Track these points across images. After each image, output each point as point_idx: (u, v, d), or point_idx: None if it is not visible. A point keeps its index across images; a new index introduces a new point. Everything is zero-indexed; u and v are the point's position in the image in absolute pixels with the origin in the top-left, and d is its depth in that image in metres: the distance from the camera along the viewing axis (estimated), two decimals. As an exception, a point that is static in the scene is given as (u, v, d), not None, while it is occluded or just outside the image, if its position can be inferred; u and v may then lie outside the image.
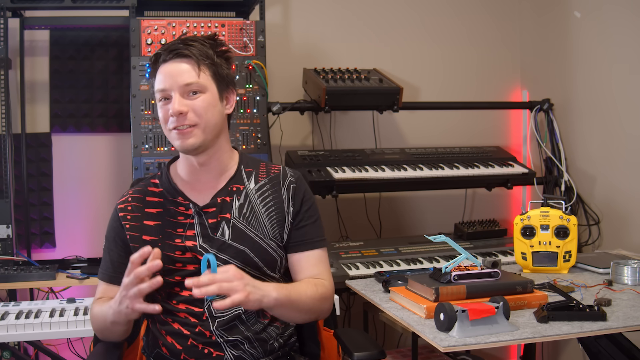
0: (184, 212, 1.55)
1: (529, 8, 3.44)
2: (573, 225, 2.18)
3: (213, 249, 1.52)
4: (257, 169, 1.63)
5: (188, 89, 1.49)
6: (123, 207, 1.59)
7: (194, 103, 1.49)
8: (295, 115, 3.03)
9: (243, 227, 1.55)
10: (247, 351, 1.51)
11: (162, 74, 1.50)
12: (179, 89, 1.48)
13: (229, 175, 1.59)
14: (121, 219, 1.57)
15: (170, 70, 1.49)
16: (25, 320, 2.03)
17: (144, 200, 1.58)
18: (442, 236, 1.79)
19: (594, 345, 2.25)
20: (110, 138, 2.99)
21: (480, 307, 1.54)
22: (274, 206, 1.58)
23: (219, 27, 2.55)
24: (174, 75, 1.49)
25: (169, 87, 1.48)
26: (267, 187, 1.60)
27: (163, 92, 1.49)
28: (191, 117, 1.48)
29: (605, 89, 2.91)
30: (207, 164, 1.55)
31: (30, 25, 2.80)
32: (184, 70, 1.49)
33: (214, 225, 1.54)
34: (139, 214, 1.57)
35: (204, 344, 1.49)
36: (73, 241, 2.92)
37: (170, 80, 1.48)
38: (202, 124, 1.49)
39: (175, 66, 1.49)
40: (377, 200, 3.25)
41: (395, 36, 3.33)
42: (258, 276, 1.54)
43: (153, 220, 1.55)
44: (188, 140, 1.48)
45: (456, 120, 3.41)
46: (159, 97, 1.51)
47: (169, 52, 1.50)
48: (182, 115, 1.47)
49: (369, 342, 1.65)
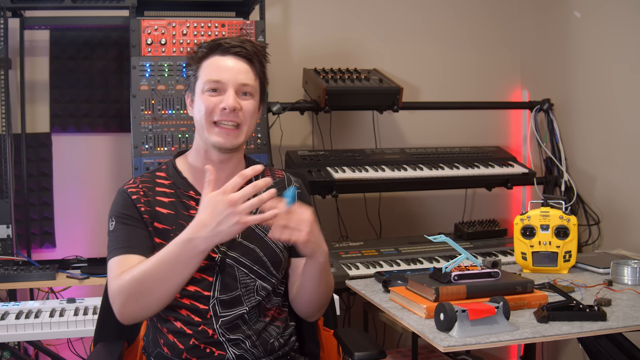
0: (196, 206, 1.52)
1: (529, 8, 3.44)
2: (573, 225, 2.18)
3: (223, 246, 1.52)
4: (263, 172, 1.65)
5: (243, 89, 1.51)
6: (135, 191, 1.53)
7: (245, 104, 1.51)
8: (295, 115, 3.03)
9: (253, 226, 1.55)
10: (249, 350, 1.51)
11: (220, 65, 1.50)
12: (234, 86, 1.50)
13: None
14: (135, 201, 1.51)
15: (229, 64, 1.50)
16: (25, 320, 2.03)
17: (153, 189, 1.55)
18: (442, 236, 1.79)
19: (594, 345, 2.25)
20: (110, 138, 2.99)
21: (480, 307, 1.54)
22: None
23: (219, 27, 2.55)
24: (233, 71, 1.50)
25: (226, 80, 1.49)
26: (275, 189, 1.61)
27: (217, 84, 1.49)
28: (241, 117, 1.50)
29: (605, 89, 2.91)
30: (226, 162, 1.56)
31: (30, 25, 2.80)
32: (243, 69, 1.51)
33: None
34: (151, 199, 1.53)
35: (206, 343, 1.49)
36: (73, 241, 2.92)
37: (228, 73, 1.49)
38: (246, 126, 1.53)
39: (235, 62, 1.51)
40: (377, 200, 3.25)
41: (395, 36, 3.34)
42: (264, 275, 1.55)
43: (166, 209, 1.53)
44: (232, 139, 1.50)
45: (456, 120, 3.41)
46: (209, 87, 1.49)
47: (232, 45, 1.50)
48: (234, 112, 1.49)
49: (369, 342, 1.65)
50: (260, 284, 1.55)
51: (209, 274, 1.50)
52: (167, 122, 2.49)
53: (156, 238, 1.51)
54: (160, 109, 2.49)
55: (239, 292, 1.51)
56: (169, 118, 2.50)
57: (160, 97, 2.49)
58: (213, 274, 1.51)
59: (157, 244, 1.50)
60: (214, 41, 1.53)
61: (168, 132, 2.49)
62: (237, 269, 1.52)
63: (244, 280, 1.52)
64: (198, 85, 1.52)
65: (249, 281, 1.53)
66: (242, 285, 1.51)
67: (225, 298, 1.50)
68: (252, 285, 1.53)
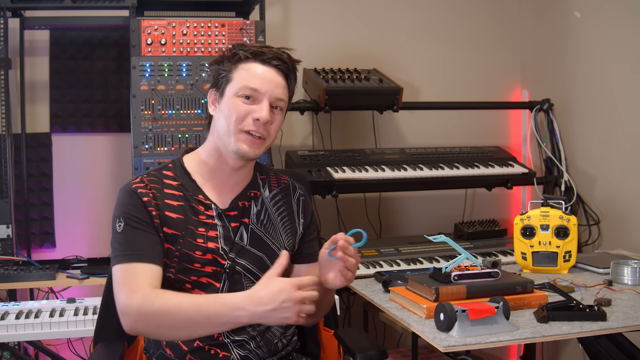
0: (205, 211, 1.51)
1: (529, 8, 3.44)
2: (573, 225, 2.18)
3: (232, 252, 1.51)
4: (269, 176, 1.65)
5: (276, 103, 1.51)
6: (144, 192, 1.47)
7: (275, 118, 1.51)
8: (295, 115, 3.03)
9: (261, 233, 1.56)
10: (254, 351, 1.51)
11: (259, 74, 1.48)
12: (270, 98, 1.49)
13: (247, 181, 1.59)
14: (146, 203, 1.45)
15: (269, 75, 1.50)
16: (25, 320, 2.03)
17: (162, 191, 1.50)
18: (442, 236, 1.79)
19: (594, 345, 2.25)
20: (110, 138, 2.99)
21: (480, 307, 1.54)
22: (287, 216, 1.62)
23: (219, 27, 2.55)
24: (272, 83, 1.49)
25: (264, 91, 1.48)
26: (280, 196, 1.63)
27: (254, 92, 1.47)
28: (269, 130, 1.50)
29: (605, 89, 2.91)
30: (240, 169, 1.55)
31: (30, 25, 2.80)
32: (280, 83, 1.51)
33: (235, 228, 1.53)
34: (160, 202, 1.48)
35: (211, 344, 1.49)
36: (73, 241, 2.92)
37: (268, 85, 1.48)
38: (270, 140, 1.52)
39: (275, 75, 1.51)
40: (377, 200, 3.25)
41: (395, 36, 3.33)
42: None
43: (175, 213, 1.48)
44: (256, 150, 1.49)
45: (456, 120, 3.41)
46: (244, 93, 1.47)
47: (274, 57, 1.50)
48: (266, 125, 1.48)
49: (370, 342, 1.66)
50: None
51: (216, 280, 1.50)
52: (167, 122, 2.49)
53: (165, 243, 1.46)
54: (160, 109, 2.49)
55: None
56: (169, 118, 2.49)
57: (160, 97, 2.49)
58: (220, 280, 1.50)
59: (165, 249, 1.46)
60: (255, 47, 1.51)
61: (168, 132, 2.49)
62: (243, 275, 1.52)
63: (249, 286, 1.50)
64: (231, 87, 1.49)
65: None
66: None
67: None
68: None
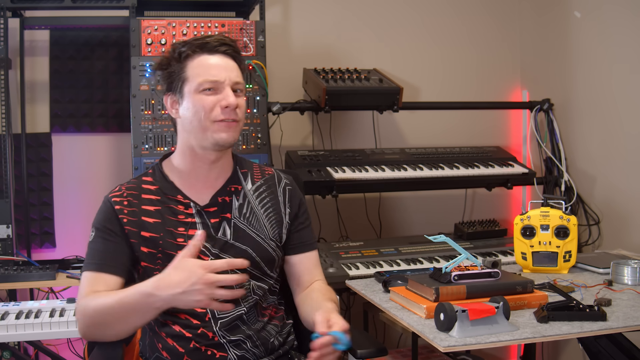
0: (184, 210, 1.53)
1: (529, 8, 3.44)
2: (573, 225, 2.18)
3: (216, 248, 1.52)
4: (252, 170, 1.65)
5: (236, 86, 1.52)
6: (118, 201, 1.53)
7: (240, 101, 1.52)
8: (295, 115, 3.03)
9: (244, 227, 1.56)
10: (250, 350, 1.51)
11: (212, 64, 1.49)
12: (230, 84, 1.50)
13: (226, 176, 1.59)
14: (117, 212, 1.51)
15: (221, 63, 1.51)
16: (25, 320, 2.03)
17: (139, 197, 1.54)
18: (442, 236, 1.79)
19: (594, 345, 2.25)
20: (110, 138, 2.99)
21: (480, 307, 1.54)
22: (272, 207, 1.61)
23: (219, 27, 2.55)
24: (227, 69, 1.50)
25: (223, 79, 1.49)
26: (264, 187, 1.62)
27: (214, 83, 1.48)
28: (238, 113, 1.51)
29: (605, 89, 2.91)
30: (217, 161, 1.55)
31: (30, 25, 2.80)
32: (234, 67, 1.53)
33: (216, 225, 1.54)
34: (136, 209, 1.52)
35: (207, 345, 1.49)
36: (73, 241, 2.92)
37: (224, 73, 1.50)
38: (241, 122, 1.54)
39: (225, 61, 1.52)
40: (377, 200, 3.25)
41: (395, 36, 3.34)
42: (258, 275, 1.55)
43: (152, 218, 1.53)
44: (233, 134, 1.50)
45: (456, 120, 3.41)
46: (206, 87, 1.48)
47: (219, 44, 1.50)
48: (235, 110, 1.49)
49: (369, 340, 1.66)
50: (255, 284, 1.55)
51: None
52: (167, 122, 2.49)
53: (143, 247, 1.50)
54: (160, 109, 2.49)
55: None
56: (169, 118, 2.48)
57: (160, 97, 2.49)
58: None
59: (146, 253, 1.50)
60: (197, 40, 1.52)
61: (168, 132, 2.49)
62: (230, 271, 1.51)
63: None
64: (188, 86, 1.49)
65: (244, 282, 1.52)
66: (238, 287, 1.51)
67: (223, 300, 1.50)
68: (247, 285, 1.53)
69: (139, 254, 1.51)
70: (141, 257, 1.51)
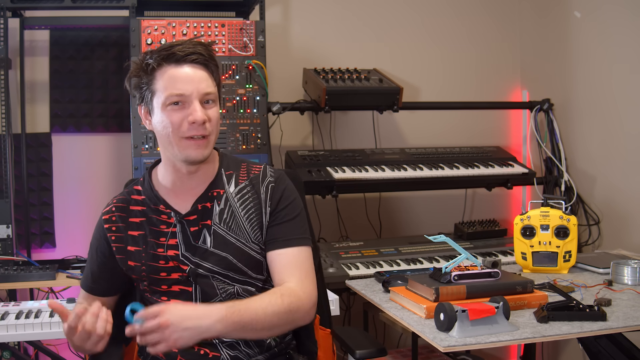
0: (166, 220, 1.52)
1: (529, 8, 3.44)
2: (573, 225, 2.18)
3: (196, 257, 1.50)
4: (238, 170, 1.58)
5: (206, 97, 1.45)
6: (107, 218, 1.55)
7: (210, 113, 1.45)
8: (295, 115, 3.03)
9: (224, 233, 1.52)
10: (243, 351, 1.51)
11: (178, 77, 1.42)
12: (199, 97, 1.43)
13: (208, 181, 1.54)
14: (106, 230, 1.54)
15: (189, 75, 1.43)
16: (25, 320, 2.03)
17: (127, 210, 1.55)
18: (442, 236, 1.79)
19: (594, 345, 2.25)
20: (110, 138, 2.99)
21: (480, 307, 1.54)
22: (253, 208, 1.53)
23: (219, 27, 2.55)
24: (195, 81, 1.43)
25: (189, 93, 1.42)
26: (248, 189, 1.55)
27: (181, 97, 1.42)
28: (208, 127, 1.44)
29: (605, 89, 2.91)
30: (195, 172, 1.51)
31: (30, 25, 2.80)
32: (203, 77, 1.45)
33: (195, 233, 1.51)
34: (123, 224, 1.54)
35: (200, 345, 1.48)
36: (73, 241, 2.92)
37: (191, 85, 1.42)
38: (213, 135, 1.48)
39: (194, 71, 1.44)
40: (377, 200, 3.25)
41: (395, 36, 3.33)
42: (243, 279, 1.53)
43: (137, 230, 1.53)
44: (204, 151, 1.45)
45: (456, 120, 3.41)
46: (173, 101, 1.42)
47: (186, 53, 1.43)
48: (203, 125, 1.43)
49: (369, 340, 1.66)
50: (240, 288, 1.52)
51: (186, 284, 1.51)
52: (167, 122, 2.49)
53: (130, 261, 1.53)
54: (160, 109, 2.49)
55: (219, 297, 1.50)
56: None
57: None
58: (190, 285, 1.51)
59: (132, 266, 1.53)
60: (165, 50, 1.44)
61: (168, 132, 2.49)
62: (211, 277, 1.50)
63: (222, 287, 1.51)
64: (157, 99, 1.45)
65: (228, 287, 1.51)
66: (222, 292, 1.50)
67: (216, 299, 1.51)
68: (231, 290, 1.51)
69: (127, 269, 1.54)
70: (128, 271, 1.54)
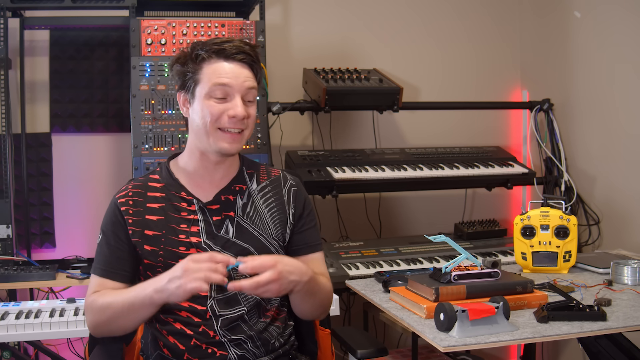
0: (187, 207, 1.54)
1: (529, 8, 3.44)
2: (573, 225, 2.18)
3: (217, 246, 1.52)
4: (258, 171, 1.65)
5: (248, 96, 1.51)
6: (124, 202, 1.55)
7: (250, 111, 1.52)
8: (295, 115, 3.03)
9: (247, 225, 1.56)
10: (251, 350, 1.52)
11: (226, 72, 1.48)
12: (241, 92, 1.50)
13: (231, 175, 1.60)
14: (123, 213, 1.53)
15: (235, 71, 1.50)
16: (25, 320, 2.03)
17: (145, 195, 1.56)
18: (442, 236, 1.79)
19: (594, 345, 2.25)
20: (110, 138, 2.99)
21: (480, 307, 1.54)
22: (276, 207, 1.61)
23: (219, 27, 2.55)
24: (240, 78, 1.50)
25: (234, 88, 1.49)
26: (269, 188, 1.63)
27: (225, 91, 1.48)
28: (246, 123, 1.51)
29: (606, 89, 2.91)
30: (222, 163, 1.56)
31: (30, 25, 2.80)
32: (248, 76, 1.52)
33: (218, 222, 1.54)
34: (141, 208, 1.54)
35: (208, 343, 1.49)
36: (73, 241, 2.92)
37: (236, 80, 1.49)
38: (248, 131, 1.54)
39: (240, 69, 1.51)
40: (377, 200, 3.25)
41: (395, 36, 3.34)
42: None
43: (156, 215, 1.54)
44: (237, 145, 1.51)
45: (456, 120, 3.41)
46: (217, 93, 1.48)
47: (236, 52, 1.50)
48: (243, 120, 1.49)
49: (369, 340, 1.67)
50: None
51: None
52: (167, 122, 2.49)
53: (147, 246, 1.52)
54: (160, 109, 2.49)
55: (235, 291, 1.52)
56: (169, 118, 2.50)
57: (160, 97, 2.49)
58: None
59: (149, 251, 1.52)
60: (216, 44, 1.51)
61: (168, 132, 2.49)
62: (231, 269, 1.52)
63: (238, 278, 1.52)
64: (200, 88, 1.50)
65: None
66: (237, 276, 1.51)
67: (222, 297, 1.51)
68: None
69: (142, 252, 1.53)
70: (144, 254, 1.53)
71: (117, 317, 1.45)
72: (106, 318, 1.47)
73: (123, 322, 1.47)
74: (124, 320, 1.47)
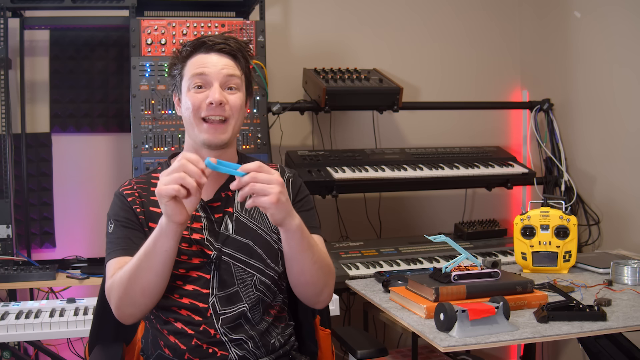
0: None
1: (529, 8, 3.44)
2: (573, 225, 2.18)
3: (218, 243, 1.52)
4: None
5: (228, 83, 1.51)
6: (130, 193, 1.56)
7: (231, 98, 1.52)
8: (295, 115, 3.03)
9: (246, 220, 1.57)
10: (251, 351, 1.51)
11: (204, 62, 1.50)
12: (219, 79, 1.50)
13: None
14: (130, 203, 1.54)
15: (212, 59, 1.51)
16: (25, 320, 2.03)
17: (148, 190, 1.57)
18: (442, 236, 1.79)
19: (594, 345, 2.25)
20: (110, 138, 2.99)
21: (480, 307, 1.54)
22: None
23: (219, 27, 2.55)
24: (216, 65, 1.51)
25: (211, 75, 1.49)
26: None
27: (201, 77, 1.49)
28: (227, 110, 1.50)
29: (606, 89, 2.91)
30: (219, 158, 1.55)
31: (30, 25, 2.80)
32: (227, 63, 1.53)
33: (219, 219, 1.55)
34: (145, 200, 1.56)
35: (209, 343, 1.49)
36: (73, 241, 2.92)
37: (212, 68, 1.50)
38: (233, 120, 1.52)
39: (219, 58, 1.52)
40: (377, 200, 3.25)
41: (395, 36, 3.34)
42: (261, 268, 1.55)
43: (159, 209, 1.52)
44: (220, 135, 1.50)
45: (456, 120, 3.41)
46: (194, 83, 1.50)
47: (215, 43, 1.52)
48: (220, 106, 1.49)
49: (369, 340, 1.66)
50: (258, 278, 1.54)
51: (205, 271, 1.51)
52: (167, 122, 2.49)
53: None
54: (160, 109, 2.49)
55: (236, 287, 1.51)
56: (169, 118, 2.50)
57: (160, 97, 2.49)
58: (210, 272, 1.51)
59: None
60: (197, 40, 1.54)
61: (168, 132, 2.49)
62: (232, 265, 1.52)
63: (240, 275, 1.53)
64: (184, 83, 1.53)
65: (246, 276, 1.53)
66: (240, 281, 1.51)
67: (223, 295, 1.51)
68: (249, 280, 1.53)
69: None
70: None
71: (138, 273, 1.38)
72: (127, 281, 1.39)
73: (146, 278, 1.39)
74: (146, 274, 1.38)
